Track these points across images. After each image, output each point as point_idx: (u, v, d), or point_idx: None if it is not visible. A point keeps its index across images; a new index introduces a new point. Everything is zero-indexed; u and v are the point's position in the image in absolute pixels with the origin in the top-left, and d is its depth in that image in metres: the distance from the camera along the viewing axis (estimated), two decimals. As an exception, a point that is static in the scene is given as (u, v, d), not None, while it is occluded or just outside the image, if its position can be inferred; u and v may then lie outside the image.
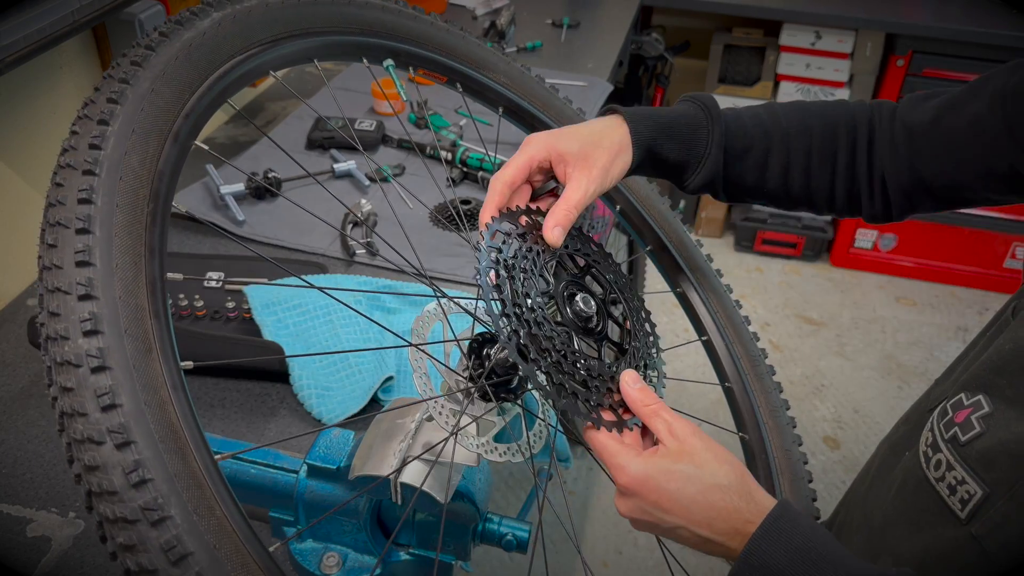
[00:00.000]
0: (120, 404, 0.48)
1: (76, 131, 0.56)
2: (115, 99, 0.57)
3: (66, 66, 1.39)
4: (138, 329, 0.51)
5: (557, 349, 0.65)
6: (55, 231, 0.52)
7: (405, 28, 0.88)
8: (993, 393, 0.67)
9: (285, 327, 1.15)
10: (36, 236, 0.53)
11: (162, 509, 0.47)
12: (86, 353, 0.48)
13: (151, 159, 0.57)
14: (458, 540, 0.80)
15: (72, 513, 0.96)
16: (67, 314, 0.49)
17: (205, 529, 0.48)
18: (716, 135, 0.86)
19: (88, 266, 0.51)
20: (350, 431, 0.81)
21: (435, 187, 1.55)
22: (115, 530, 0.46)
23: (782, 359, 2.88)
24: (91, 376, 0.48)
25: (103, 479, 0.46)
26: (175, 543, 0.46)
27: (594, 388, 0.67)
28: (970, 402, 0.68)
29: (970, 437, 0.66)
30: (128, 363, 0.49)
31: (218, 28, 0.67)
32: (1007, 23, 2.65)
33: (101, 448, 0.47)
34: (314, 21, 0.78)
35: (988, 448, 0.64)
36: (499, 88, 0.97)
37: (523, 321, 0.64)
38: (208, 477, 0.50)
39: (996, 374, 0.67)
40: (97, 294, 0.50)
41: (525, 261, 0.69)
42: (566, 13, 2.43)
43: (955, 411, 0.69)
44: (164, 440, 0.49)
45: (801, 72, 2.96)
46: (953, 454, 0.67)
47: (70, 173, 0.54)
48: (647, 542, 2.23)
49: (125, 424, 0.47)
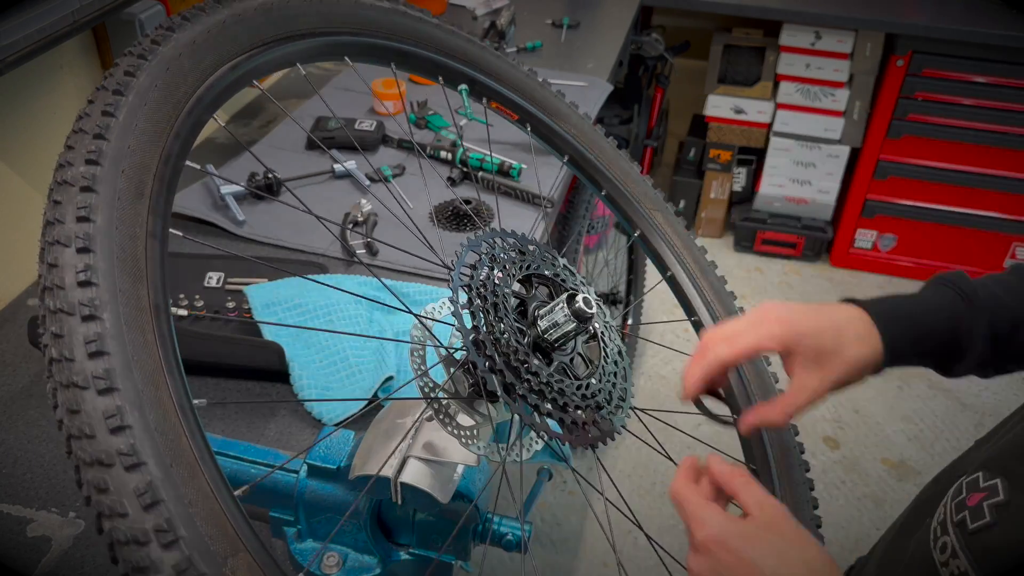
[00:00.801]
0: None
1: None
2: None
3: (66, 66, 1.39)
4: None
5: (535, 376, 0.65)
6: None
7: (486, 61, 0.94)
8: (1012, 480, 0.62)
9: (285, 327, 1.15)
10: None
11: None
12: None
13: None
14: (458, 540, 0.80)
15: (72, 513, 0.96)
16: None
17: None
18: (980, 324, 0.75)
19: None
20: (350, 431, 0.81)
21: (435, 187, 1.55)
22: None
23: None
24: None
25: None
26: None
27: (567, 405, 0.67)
28: (986, 485, 0.64)
29: (978, 527, 0.62)
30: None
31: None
32: (1007, 23, 2.65)
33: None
34: (408, 34, 0.85)
35: (996, 544, 0.60)
36: (568, 137, 1.01)
37: (498, 351, 0.64)
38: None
39: (1017, 460, 0.63)
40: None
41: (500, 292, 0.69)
42: (566, 13, 2.43)
43: (969, 492, 0.65)
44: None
45: (801, 72, 2.96)
46: (960, 541, 0.63)
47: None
48: (647, 542, 2.22)
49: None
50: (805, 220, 3.25)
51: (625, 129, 3.01)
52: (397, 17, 0.84)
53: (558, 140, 1.01)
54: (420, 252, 0.97)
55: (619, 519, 2.27)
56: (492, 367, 0.64)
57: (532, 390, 0.65)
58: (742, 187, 3.33)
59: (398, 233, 1.39)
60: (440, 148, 1.63)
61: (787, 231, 3.25)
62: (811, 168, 3.14)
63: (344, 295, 1.20)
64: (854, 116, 2.98)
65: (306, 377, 1.10)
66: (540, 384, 0.65)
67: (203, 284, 1.25)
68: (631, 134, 3.05)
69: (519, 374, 0.65)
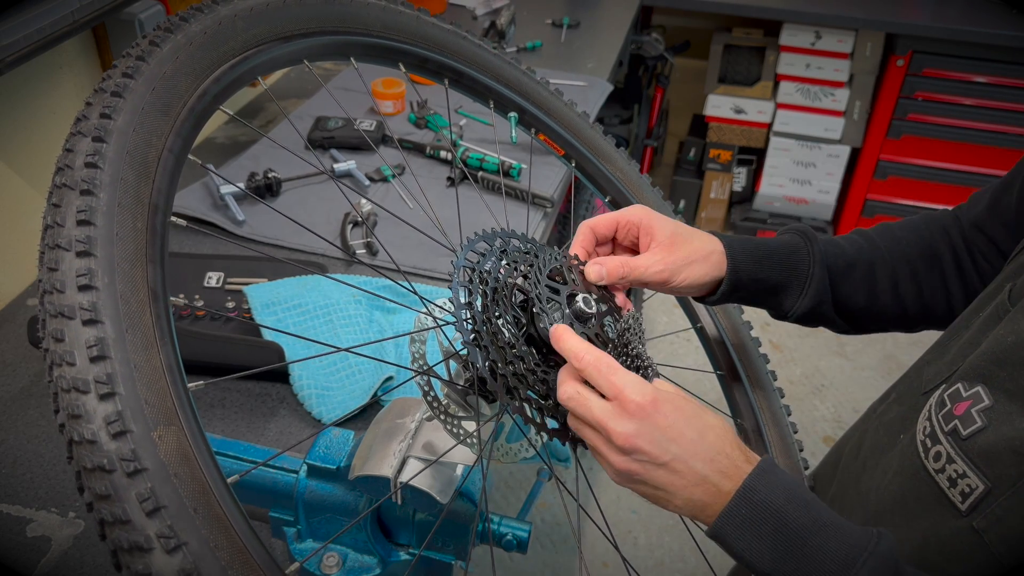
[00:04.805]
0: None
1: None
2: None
3: (66, 66, 1.39)
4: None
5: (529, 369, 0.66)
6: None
7: (538, 95, 0.98)
8: (993, 385, 0.66)
9: (285, 327, 1.15)
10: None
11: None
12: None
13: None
14: (458, 540, 0.80)
15: (72, 513, 0.96)
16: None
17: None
18: (817, 254, 0.85)
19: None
20: (350, 431, 0.81)
21: (435, 187, 1.55)
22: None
23: (782, 359, 2.88)
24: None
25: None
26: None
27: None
28: (968, 394, 0.68)
29: (972, 431, 0.66)
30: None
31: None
32: (1007, 23, 2.65)
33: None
34: (465, 56, 0.89)
35: (991, 444, 0.64)
36: (613, 179, 1.03)
37: (489, 343, 0.65)
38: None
39: (996, 366, 0.67)
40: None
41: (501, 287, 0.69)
42: (566, 13, 2.43)
43: (954, 403, 0.69)
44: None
45: (801, 72, 2.96)
46: (954, 447, 0.67)
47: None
48: (647, 542, 2.23)
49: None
50: (805, 220, 3.25)
51: (625, 129, 3.01)
52: (458, 39, 0.88)
53: (602, 181, 1.03)
54: (421, 250, 0.97)
55: (619, 519, 2.27)
56: (478, 342, 0.64)
57: (516, 374, 0.65)
58: (742, 187, 3.33)
59: (399, 232, 1.39)
60: (440, 148, 1.63)
61: (787, 231, 3.25)
62: (811, 168, 3.14)
63: (344, 295, 1.20)
64: (854, 116, 2.98)
65: (306, 377, 1.10)
66: (526, 371, 0.65)
67: (203, 284, 1.25)
68: (631, 134, 3.05)
69: (506, 358, 0.65)
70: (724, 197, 3.30)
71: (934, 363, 0.78)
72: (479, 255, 0.70)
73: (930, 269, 0.88)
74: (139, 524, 0.45)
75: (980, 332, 0.73)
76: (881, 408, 0.86)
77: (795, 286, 0.85)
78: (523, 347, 0.66)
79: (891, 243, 0.89)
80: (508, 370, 0.64)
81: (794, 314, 0.87)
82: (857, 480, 0.82)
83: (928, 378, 0.77)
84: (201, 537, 0.46)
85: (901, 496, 0.73)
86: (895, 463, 0.75)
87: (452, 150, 1.59)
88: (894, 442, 0.77)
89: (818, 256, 0.85)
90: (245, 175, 1.51)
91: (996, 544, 0.62)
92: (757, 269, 0.84)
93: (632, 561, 2.18)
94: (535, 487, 0.90)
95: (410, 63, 0.84)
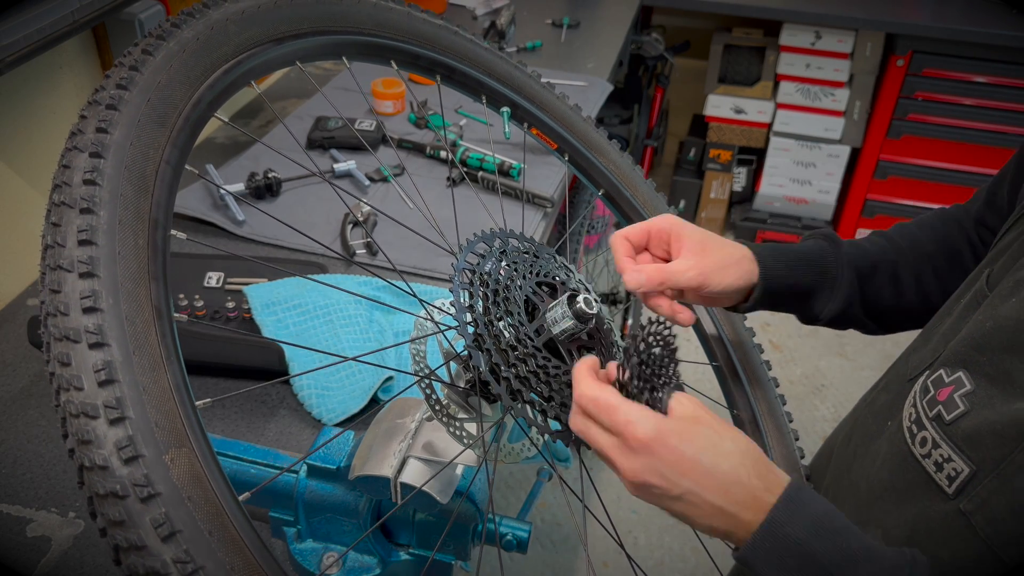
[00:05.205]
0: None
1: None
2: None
3: (66, 66, 1.39)
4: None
5: (530, 369, 0.65)
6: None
7: (530, 89, 0.97)
8: (973, 370, 0.67)
9: (285, 327, 1.15)
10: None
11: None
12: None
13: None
14: (458, 540, 0.80)
15: (72, 513, 0.96)
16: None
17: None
18: (844, 257, 0.87)
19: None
20: (350, 431, 0.81)
21: (435, 187, 1.55)
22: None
23: (782, 359, 2.88)
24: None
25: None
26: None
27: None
28: (951, 379, 0.69)
29: (955, 416, 0.67)
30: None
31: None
32: (1007, 23, 2.65)
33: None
34: (456, 52, 0.89)
35: (973, 427, 0.65)
36: (605, 171, 1.02)
37: (493, 342, 0.65)
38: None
39: (976, 351, 0.68)
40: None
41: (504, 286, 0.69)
42: (566, 13, 2.43)
43: (937, 388, 0.70)
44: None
45: (801, 72, 2.96)
46: (938, 432, 0.68)
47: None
48: (647, 542, 2.23)
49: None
50: (805, 220, 3.25)
51: (625, 129, 3.01)
52: (449, 35, 0.88)
53: (595, 174, 1.03)
54: (426, 247, 0.97)
55: (619, 520, 2.27)
56: (479, 344, 0.64)
57: (518, 376, 0.65)
58: (742, 187, 3.33)
59: (398, 232, 1.39)
60: (440, 148, 1.63)
61: (787, 231, 3.25)
62: (811, 168, 3.14)
63: (344, 295, 1.20)
64: (854, 116, 2.98)
65: (306, 377, 1.10)
66: (530, 373, 0.65)
67: (203, 284, 1.25)
68: (631, 134, 3.05)
69: (508, 360, 0.65)
70: (724, 197, 3.30)
71: (919, 350, 0.79)
72: (479, 256, 0.70)
73: (951, 264, 0.90)
74: (155, 550, 0.45)
75: (961, 318, 0.74)
76: (871, 397, 0.87)
77: (825, 289, 0.87)
78: (529, 347, 0.66)
79: (910, 242, 0.91)
80: (511, 373, 0.64)
81: (824, 317, 0.88)
82: (848, 468, 0.83)
83: (913, 365, 0.78)
84: (218, 560, 0.46)
85: (891, 482, 0.73)
86: (884, 450, 0.76)
87: (451, 150, 1.59)
88: (882, 429, 0.78)
89: (845, 259, 0.87)
90: (245, 175, 1.51)
91: (983, 526, 0.63)
92: (788, 274, 0.85)
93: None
94: (535, 487, 0.90)
95: (402, 60, 0.84)
